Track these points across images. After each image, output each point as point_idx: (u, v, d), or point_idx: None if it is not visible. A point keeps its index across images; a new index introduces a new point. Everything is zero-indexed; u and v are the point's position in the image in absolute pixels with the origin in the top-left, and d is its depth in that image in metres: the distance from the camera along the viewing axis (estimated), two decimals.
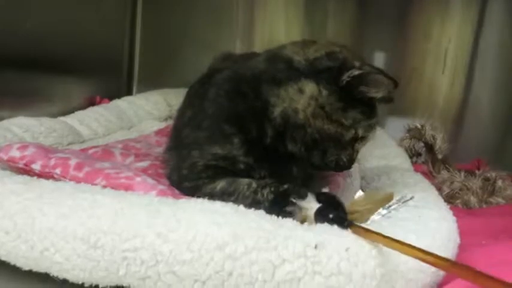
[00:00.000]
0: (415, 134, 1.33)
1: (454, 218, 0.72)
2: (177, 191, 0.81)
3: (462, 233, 0.91)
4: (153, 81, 1.77)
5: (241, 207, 0.59)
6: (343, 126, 0.72)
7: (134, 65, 1.84)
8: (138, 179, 0.81)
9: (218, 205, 0.59)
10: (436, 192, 0.90)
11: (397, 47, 1.74)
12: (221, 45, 1.73)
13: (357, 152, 0.78)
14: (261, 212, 0.58)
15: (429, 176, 1.30)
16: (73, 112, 1.37)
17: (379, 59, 1.73)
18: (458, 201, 1.09)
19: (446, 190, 1.13)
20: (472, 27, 1.63)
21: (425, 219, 0.66)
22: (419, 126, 1.33)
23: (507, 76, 1.61)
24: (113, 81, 1.75)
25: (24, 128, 1.08)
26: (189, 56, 1.80)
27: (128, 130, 1.43)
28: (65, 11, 1.40)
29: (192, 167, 0.81)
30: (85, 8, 1.50)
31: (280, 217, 0.58)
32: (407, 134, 1.36)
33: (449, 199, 1.10)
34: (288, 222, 0.58)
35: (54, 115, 1.30)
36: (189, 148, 0.83)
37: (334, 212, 0.60)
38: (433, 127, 1.33)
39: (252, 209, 0.59)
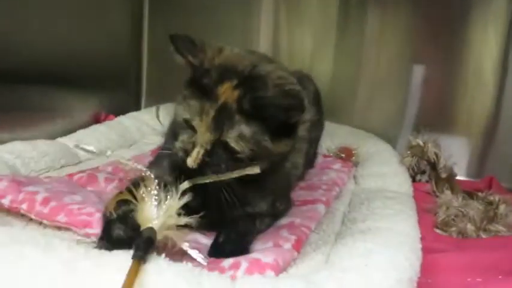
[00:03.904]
0: (417, 151, 1.26)
1: (411, 264, 0.67)
2: None
3: (447, 269, 0.86)
4: (162, 96, 1.77)
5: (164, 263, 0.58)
6: (177, 103, 0.77)
7: (142, 80, 1.85)
8: (99, 215, 0.81)
9: None
10: (413, 227, 0.84)
11: (435, 62, 1.66)
12: None
13: (201, 148, 0.70)
14: (180, 269, 0.57)
15: (432, 195, 1.23)
16: (77, 129, 1.41)
17: (418, 72, 1.67)
18: (453, 229, 1.02)
19: (441, 216, 1.05)
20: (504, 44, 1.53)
21: (371, 270, 0.62)
22: (421, 144, 1.25)
23: None
24: (121, 96, 1.77)
25: (16, 154, 1.11)
26: None
27: (127, 148, 1.44)
28: (69, 24, 1.42)
29: None
30: (90, 21, 1.51)
31: None
32: (408, 152, 1.28)
33: (444, 227, 1.03)
34: None
35: (57, 133, 1.34)
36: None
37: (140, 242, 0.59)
38: (436, 144, 1.25)
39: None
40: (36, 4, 1.29)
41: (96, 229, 0.78)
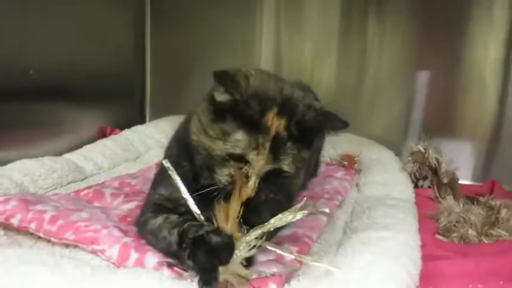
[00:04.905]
0: (418, 157, 1.27)
1: (409, 273, 0.68)
2: (142, 241, 0.83)
3: (448, 276, 0.87)
4: (166, 109, 1.80)
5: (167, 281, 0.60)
6: (211, 138, 0.72)
7: (146, 93, 1.88)
8: (105, 231, 0.84)
9: (144, 279, 0.59)
10: (413, 236, 0.86)
11: (437, 68, 1.67)
12: None
13: (253, 178, 0.72)
14: (183, 286, 0.58)
15: (434, 201, 1.24)
16: (83, 144, 1.44)
17: (422, 78, 1.68)
18: (454, 235, 1.02)
19: (443, 222, 1.06)
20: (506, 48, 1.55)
21: (369, 282, 0.63)
22: (422, 150, 1.26)
23: None
24: (125, 110, 1.80)
25: (25, 172, 1.13)
26: (201, 81, 1.81)
27: (133, 162, 1.47)
28: (73, 41, 1.45)
29: (146, 204, 0.89)
30: (94, 38, 1.54)
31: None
32: (409, 158, 1.29)
33: (445, 233, 1.04)
34: None
35: (63, 149, 1.38)
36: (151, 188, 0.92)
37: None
38: (437, 150, 1.26)
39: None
40: (41, 22, 1.33)
41: (103, 245, 0.81)
